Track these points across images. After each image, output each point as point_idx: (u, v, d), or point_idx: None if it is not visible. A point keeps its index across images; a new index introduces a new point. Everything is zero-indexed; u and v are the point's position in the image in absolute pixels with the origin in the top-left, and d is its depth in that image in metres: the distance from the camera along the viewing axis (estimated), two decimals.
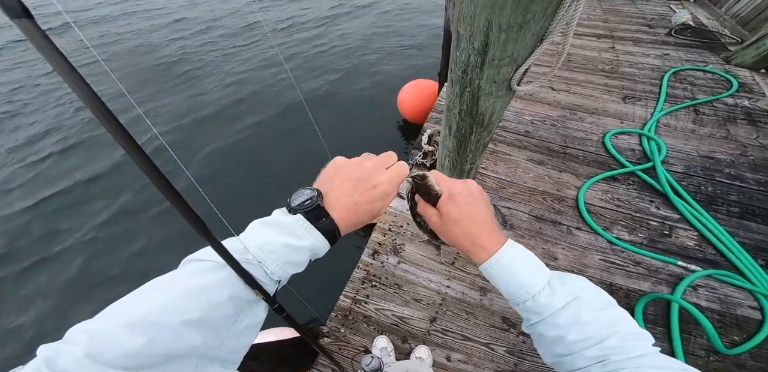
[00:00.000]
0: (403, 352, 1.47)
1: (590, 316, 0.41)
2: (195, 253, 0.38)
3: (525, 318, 0.47)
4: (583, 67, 3.14)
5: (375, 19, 6.91)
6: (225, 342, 0.35)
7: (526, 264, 0.46)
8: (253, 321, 0.39)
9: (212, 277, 0.35)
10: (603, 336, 0.39)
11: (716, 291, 1.58)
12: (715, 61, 3.10)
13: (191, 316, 0.32)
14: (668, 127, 2.44)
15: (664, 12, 4.14)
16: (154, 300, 0.32)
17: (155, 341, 0.29)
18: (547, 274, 0.46)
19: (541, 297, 0.43)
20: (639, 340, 0.39)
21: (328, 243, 0.41)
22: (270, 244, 0.38)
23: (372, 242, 1.82)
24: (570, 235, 1.80)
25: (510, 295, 0.47)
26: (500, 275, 0.46)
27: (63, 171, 3.59)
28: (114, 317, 0.31)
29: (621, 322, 0.41)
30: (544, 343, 0.45)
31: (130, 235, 2.89)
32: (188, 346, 0.31)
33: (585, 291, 0.44)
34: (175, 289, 0.33)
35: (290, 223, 0.39)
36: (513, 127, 2.47)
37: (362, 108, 4.22)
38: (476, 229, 0.48)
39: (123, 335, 0.29)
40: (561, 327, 0.42)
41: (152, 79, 5.11)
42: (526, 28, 0.83)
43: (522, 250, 0.48)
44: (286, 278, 0.41)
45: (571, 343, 0.41)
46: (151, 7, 8.13)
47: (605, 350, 0.38)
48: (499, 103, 1.06)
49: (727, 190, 2.00)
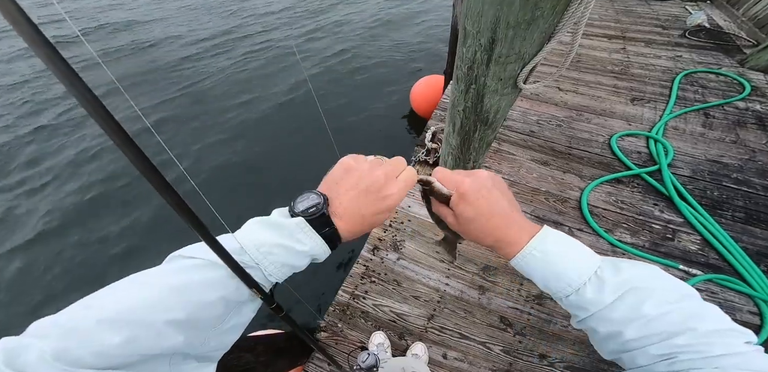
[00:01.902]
0: (399, 348, 1.48)
1: (657, 310, 0.34)
2: (182, 249, 0.36)
3: (572, 314, 0.41)
4: (592, 68, 3.10)
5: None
6: (207, 341, 0.34)
7: (566, 253, 0.40)
8: (239, 321, 0.37)
9: (202, 276, 0.33)
10: (673, 332, 0.33)
11: (716, 295, 1.57)
12: (728, 64, 3.04)
13: (176, 316, 0.30)
14: (677, 130, 2.41)
15: (679, 13, 4.07)
16: (136, 296, 0.30)
17: (134, 340, 0.27)
18: (596, 262, 0.39)
19: (586, 290, 0.38)
20: (726, 338, 0.33)
21: (329, 248, 0.40)
22: (267, 246, 0.36)
23: (372, 238, 1.82)
24: (572, 237, 1.78)
25: (550, 290, 0.41)
26: (534, 269, 0.41)
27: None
28: (87, 311, 0.28)
29: (701, 318, 0.34)
30: (599, 338, 0.39)
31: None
32: (168, 346, 0.29)
33: (650, 280, 0.38)
34: (160, 286, 0.31)
35: (291, 226, 0.37)
36: (518, 127, 2.45)
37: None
38: (494, 225, 0.44)
39: (98, 332, 0.26)
40: (616, 322, 0.36)
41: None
42: (535, 25, 0.82)
43: (561, 237, 0.42)
44: (283, 279, 0.39)
45: (630, 341, 0.35)
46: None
47: (673, 348, 0.33)
48: (505, 101, 1.06)
49: (734, 195, 1.97)
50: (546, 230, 0.43)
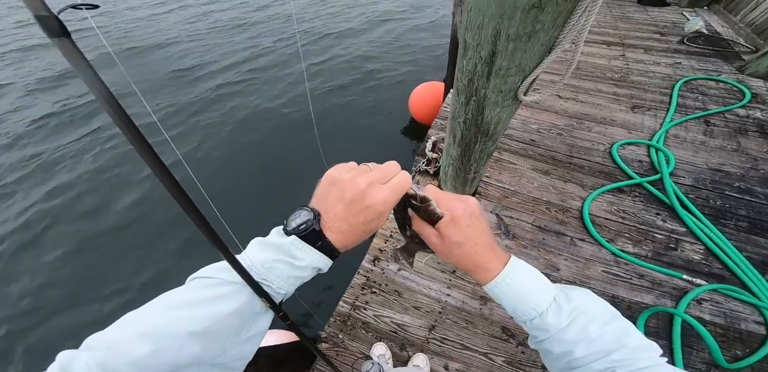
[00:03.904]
0: (400, 359, 1.46)
1: (598, 331, 0.41)
2: (199, 271, 0.40)
3: (532, 335, 0.47)
4: (592, 75, 3.11)
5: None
6: (227, 351, 0.36)
7: (531, 281, 0.46)
8: (257, 331, 0.40)
9: (218, 291, 0.37)
10: (610, 349, 0.40)
11: (721, 305, 1.55)
12: (728, 71, 3.05)
13: (198, 328, 0.33)
14: (677, 138, 2.40)
15: (677, 19, 4.10)
16: (164, 311, 0.34)
17: (160, 351, 0.30)
18: (552, 289, 0.45)
19: (548, 315, 0.43)
20: (645, 352, 0.39)
21: (329, 259, 0.42)
22: (270, 262, 0.39)
23: (373, 248, 1.81)
24: (573, 247, 1.77)
25: (516, 314, 0.46)
26: (506, 295, 0.46)
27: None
28: (129, 326, 0.32)
29: (628, 335, 0.41)
30: (552, 358, 0.45)
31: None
32: (191, 355, 0.33)
33: (591, 305, 0.44)
34: (183, 302, 0.35)
35: (286, 245, 0.40)
36: (518, 136, 2.45)
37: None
38: (478, 251, 0.47)
39: (133, 344, 0.30)
40: (569, 343, 0.42)
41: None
42: (535, 38, 0.83)
43: (526, 268, 0.47)
44: (293, 291, 0.42)
45: (578, 358, 0.41)
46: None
47: (612, 363, 0.39)
48: (505, 112, 1.05)
49: (736, 204, 1.96)
50: (515, 260, 0.48)
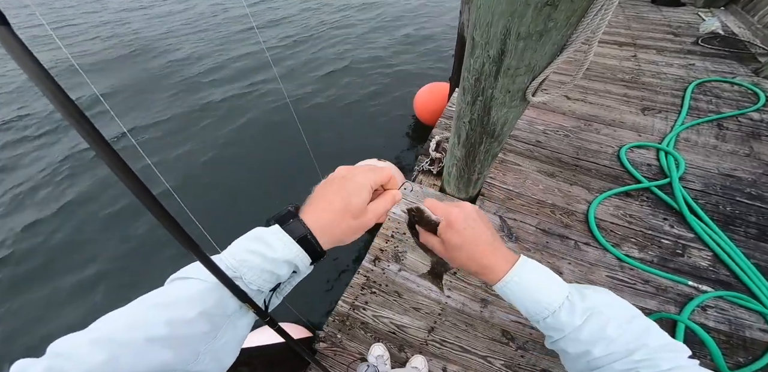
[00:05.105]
0: (399, 361, 1.45)
1: (617, 330, 0.39)
2: (179, 271, 0.38)
3: (547, 336, 0.46)
4: (602, 76, 3.05)
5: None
6: (200, 358, 0.34)
7: (542, 280, 0.45)
8: (234, 336, 0.38)
9: (185, 292, 0.34)
10: (631, 349, 0.38)
11: (726, 312, 1.52)
12: (743, 73, 2.98)
13: (157, 333, 0.30)
14: (689, 141, 2.35)
15: (692, 20, 4.00)
16: (124, 316, 0.32)
17: (117, 359, 0.28)
18: (566, 288, 0.44)
19: (561, 313, 0.42)
20: (670, 352, 0.38)
21: (306, 256, 0.40)
22: (242, 253, 0.38)
23: (374, 248, 1.79)
24: (577, 251, 1.74)
25: (528, 313, 0.45)
26: (516, 294, 0.45)
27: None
28: (87, 332, 0.30)
29: (649, 334, 0.39)
30: (569, 359, 0.44)
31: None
32: (155, 363, 0.30)
33: (608, 305, 0.43)
34: (146, 305, 0.33)
35: (263, 232, 0.39)
36: (524, 137, 2.41)
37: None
38: (480, 252, 0.48)
39: (86, 351, 0.28)
40: (584, 343, 0.41)
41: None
42: (547, 37, 0.80)
43: (536, 266, 0.47)
44: (267, 288, 0.39)
45: (597, 358, 0.40)
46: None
47: (633, 364, 0.37)
48: (512, 113, 1.03)
49: (747, 210, 1.92)
50: (524, 259, 0.48)
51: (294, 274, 0.44)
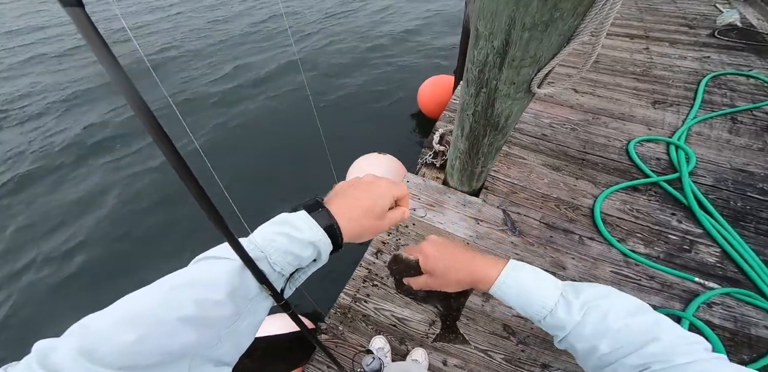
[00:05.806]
0: (399, 353, 1.46)
1: (619, 323, 0.39)
2: (206, 251, 0.39)
3: (553, 336, 0.47)
4: (612, 69, 2.98)
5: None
6: (222, 341, 0.34)
7: (534, 281, 0.46)
8: (253, 321, 0.38)
9: (213, 273, 0.35)
10: (641, 342, 0.37)
11: (732, 309, 1.51)
12: (760, 66, 2.88)
13: (187, 313, 0.31)
14: (701, 135, 2.29)
15: (709, 12, 3.86)
16: (152, 295, 0.32)
17: (147, 337, 0.28)
18: (559, 286, 0.45)
19: (558, 311, 0.43)
20: (687, 346, 0.36)
21: (329, 240, 0.41)
22: (270, 234, 0.39)
23: (376, 241, 1.80)
24: (582, 245, 1.73)
25: (528, 314, 0.46)
26: (510, 296, 0.47)
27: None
28: (113, 311, 0.30)
29: (659, 328, 0.38)
30: (581, 357, 0.43)
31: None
32: (182, 343, 0.30)
33: (604, 296, 0.43)
34: (175, 285, 0.33)
35: (290, 216, 0.41)
36: (529, 130, 2.37)
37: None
38: (464, 266, 0.50)
39: (116, 330, 0.28)
40: (589, 338, 0.40)
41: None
42: (553, 28, 0.78)
43: (526, 269, 0.48)
44: (288, 271, 0.40)
45: (606, 354, 0.39)
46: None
47: (646, 358, 0.36)
48: (517, 105, 1.01)
49: (758, 206, 1.87)
50: (513, 262, 0.49)
51: (313, 263, 0.45)
